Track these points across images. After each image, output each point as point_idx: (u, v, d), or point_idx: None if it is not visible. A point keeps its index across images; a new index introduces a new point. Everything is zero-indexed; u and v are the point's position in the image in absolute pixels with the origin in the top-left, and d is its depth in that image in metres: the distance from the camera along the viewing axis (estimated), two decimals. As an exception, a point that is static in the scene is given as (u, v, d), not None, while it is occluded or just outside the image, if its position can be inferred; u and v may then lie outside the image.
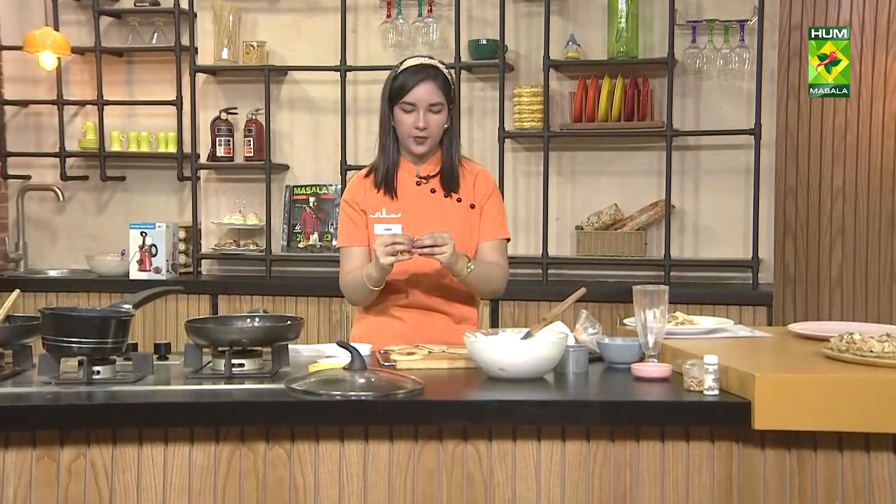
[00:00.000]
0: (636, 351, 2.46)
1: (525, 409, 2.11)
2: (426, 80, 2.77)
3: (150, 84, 5.27)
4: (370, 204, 2.87)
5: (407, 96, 2.77)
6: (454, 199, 2.87)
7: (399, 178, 2.88)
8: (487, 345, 2.33)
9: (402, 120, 2.80)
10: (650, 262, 4.67)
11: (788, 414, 1.99)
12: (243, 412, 2.11)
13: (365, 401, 2.11)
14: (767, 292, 4.35)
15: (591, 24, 4.78)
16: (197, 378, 2.32)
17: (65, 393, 2.16)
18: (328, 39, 5.00)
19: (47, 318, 2.21)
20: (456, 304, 2.90)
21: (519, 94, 4.72)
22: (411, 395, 2.14)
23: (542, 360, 2.31)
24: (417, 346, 2.62)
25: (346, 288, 2.88)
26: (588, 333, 2.59)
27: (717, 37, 4.59)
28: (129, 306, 2.31)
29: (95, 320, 2.21)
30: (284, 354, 2.41)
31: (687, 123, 4.70)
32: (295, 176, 5.13)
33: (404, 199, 2.86)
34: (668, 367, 2.31)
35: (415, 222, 2.81)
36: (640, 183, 4.79)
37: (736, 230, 4.68)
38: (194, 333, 2.36)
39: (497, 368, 2.31)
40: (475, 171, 2.94)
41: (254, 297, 4.72)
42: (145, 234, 4.86)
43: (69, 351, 2.21)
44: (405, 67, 2.82)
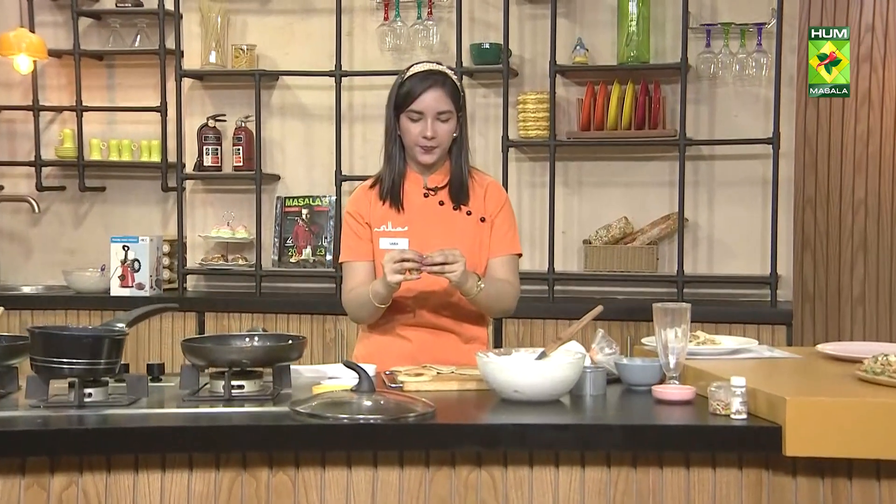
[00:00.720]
0: (656, 372, 2.48)
1: (542, 432, 2.13)
2: (434, 87, 2.80)
3: (133, 89, 5.28)
4: (375, 217, 2.89)
5: (414, 104, 2.79)
6: (463, 212, 2.90)
7: (406, 190, 2.90)
8: (501, 365, 2.35)
9: (409, 129, 2.82)
10: (662, 279, 4.69)
11: (822, 440, 2.01)
12: (245, 436, 2.12)
13: (374, 424, 2.13)
14: (787, 310, 4.37)
15: (600, 27, 4.81)
16: (194, 400, 2.33)
17: (55, 417, 2.17)
18: (322, 43, 5.02)
19: (36, 337, 2.22)
20: (465, 324, 2.92)
21: (524, 101, 4.75)
22: (422, 419, 2.16)
23: (558, 382, 2.32)
24: (425, 367, 2.64)
25: (349, 305, 2.90)
26: (605, 354, 2.61)
27: (733, 41, 4.62)
28: (122, 325, 2.32)
29: (88, 340, 2.21)
30: (286, 375, 2.43)
31: (701, 132, 4.73)
32: (287, 187, 5.14)
33: (411, 212, 2.88)
34: (692, 389, 2.33)
35: (422, 236, 2.83)
36: (652, 195, 4.82)
37: (753, 244, 4.71)
38: (191, 353, 2.37)
39: (511, 390, 2.32)
40: (486, 183, 2.96)
41: (243, 315, 4.73)
42: (127, 248, 4.86)
43: (59, 372, 2.22)
44: (412, 73, 2.84)
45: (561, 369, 2.33)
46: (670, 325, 2.42)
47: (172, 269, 5.13)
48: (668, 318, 2.42)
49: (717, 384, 2.18)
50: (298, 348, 2.45)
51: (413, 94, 2.79)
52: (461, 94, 2.87)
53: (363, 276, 2.88)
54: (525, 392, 2.31)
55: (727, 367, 2.44)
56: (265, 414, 2.23)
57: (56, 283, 5.25)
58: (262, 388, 2.40)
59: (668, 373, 2.43)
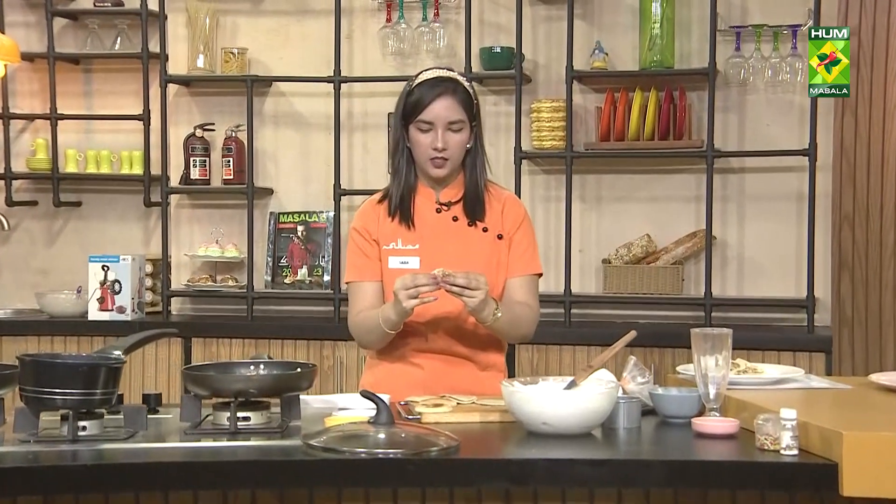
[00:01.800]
0: (695, 403, 2.50)
1: (577, 468, 2.14)
2: (445, 96, 2.82)
3: (112, 96, 5.31)
4: (384, 234, 2.91)
5: (423, 114, 2.82)
6: (479, 229, 2.92)
7: (416, 205, 2.92)
8: (529, 395, 2.36)
9: (419, 140, 2.84)
10: (688, 301, 4.72)
11: (883, 479, 2.01)
12: (254, 472, 2.13)
13: (394, 459, 2.14)
14: (825, 336, 4.40)
15: (621, 29, 4.85)
16: (196, 434, 2.34)
17: (47, 452, 2.17)
18: (319, 46, 5.05)
19: (27, 365, 2.23)
20: (481, 350, 2.93)
21: (538, 110, 4.78)
22: (446, 453, 2.17)
23: (591, 414, 2.34)
24: (444, 397, 2.65)
25: (356, 329, 2.92)
26: (637, 383, 2.62)
27: (765, 44, 4.66)
28: (118, 352, 2.34)
29: (82, 368, 2.23)
30: (295, 406, 2.44)
31: (730, 143, 4.76)
32: (280, 202, 5.16)
33: (423, 229, 2.90)
34: (735, 422, 2.34)
35: (434, 255, 2.84)
36: (677, 210, 4.85)
37: (786, 265, 4.74)
38: (194, 383, 2.38)
39: (540, 422, 2.34)
40: (503, 197, 2.98)
41: (233, 341, 4.75)
42: (107, 268, 4.88)
43: (52, 403, 2.23)
44: (421, 81, 2.86)
45: (594, 400, 2.34)
46: (710, 352, 2.44)
47: (156, 291, 5.14)
48: (708, 345, 2.44)
49: (764, 416, 2.20)
50: (309, 377, 2.46)
51: (422, 103, 2.82)
52: (475, 102, 2.90)
53: (371, 297, 2.90)
54: (555, 424, 2.33)
55: (772, 397, 2.45)
56: (274, 448, 2.24)
57: (27, 306, 5.26)
58: (270, 420, 2.41)
59: (707, 404, 2.44)
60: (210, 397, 2.41)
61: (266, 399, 2.45)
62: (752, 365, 2.72)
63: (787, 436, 2.14)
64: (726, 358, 2.43)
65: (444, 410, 2.52)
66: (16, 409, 2.29)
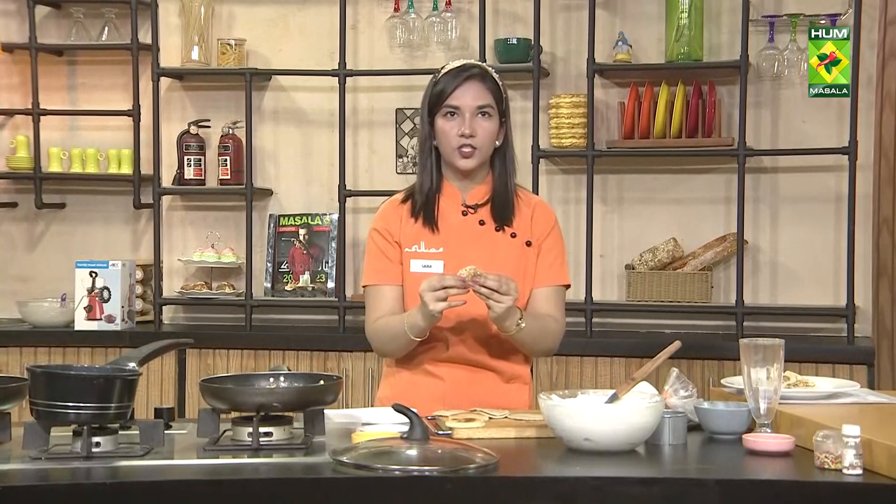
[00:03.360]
0: (745, 419, 2.52)
1: (626, 487, 2.16)
2: (472, 80, 2.88)
3: (99, 90, 5.33)
4: (406, 236, 2.93)
5: (449, 98, 2.86)
6: (507, 234, 2.95)
7: (441, 207, 2.95)
8: (571, 410, 2.38)
9: (446, 129, 2.87)
10: (718, 310, 4.74)
11: (956, 500, 2.04)
12: (282, 490, 2.15)
13: (430, 477, 2.16)
14: (867, 348, 4.43)
15: (646, 20, 4.89)
16: (216, 450, 2.35)
17: (61, 470, 2.19)
18: (322, 37, 5.08)
19: (38, 377, 2.24)
20: (505, 360, 2.96)
21: (557, 105, 4.81)
22: (485, 471, 2.19)
23: (637, 429, 2.36)
24: (474, 412, 2.67)
25: (376, 336, 2.94)
26: (679, 396, 2.65)
27: (801, 35, 4.68)
28: (133, 364, 2.35)
29: (97, 381, 2.24)
30: (319, 421, 2.46)
31: (763, 141, 4.80)
32: (281, 204, 5.18)
33: (447, 232, 2.93)
34: (791, 438, 2.37)
35: (459, 259, 2.86)
36: (705, 213, 4.88)
37: (823, 271, 4.77)
38: (212, 396, 2.40)
39: (582, 438, 2.36)
40: (533, 203, 3.02)
41: (230, 352, 4.77)
42: (95, 274, 4.89)
43: (64, 418, 2.24)
44: (447, 69, 2.92)
45: (640, 415, 2.36)
46: (761, 364, 2.46)
47: (146, 299, 5.16)
48: (759, 356, 2.46)
49: (824, 433, 2.21)
50: (334, 390, 2.48)
51: (448, 89, 2.87)
52: (504, 95, 2.94)
53: (391, 302, 2.92)
54: (598, 441, 2.35)
55: (827, 413, 2.47)
56: (300, 465, 2.26)
57: (6, 315, 5.26)
58: (293, 436, 2.43)
59: (758, 419, 2.46)
60: (229, 411, 2.43)
61: (289, 413, 2.46)
62: (804, 378, 2.75)
63: (850, 454, 2.15)
64: (779, 371, 2.46)
65: (477, 426, 2.54)
66: (25, 424, 2.30)
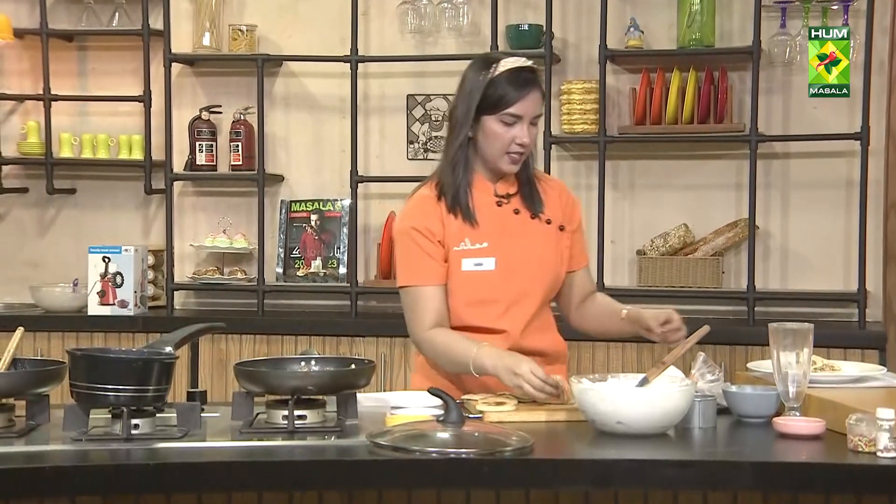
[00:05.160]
0: (773, 402, 2.55)
1: (662, 470, 2.19)
2: (535, 89, 2.86)
3: (110, 76, 5.32)
4: (451, 234, 2.90)
5: (513, 107, 2.82)
6: (542, 221, 2.96)
7: (475, 199, 2.92)
8: (604, 394, 2.41)
9: (498, 133, 2.84)
10: (729, 295, 4.77)
11: None
12: (321, 472, 2.18)
13: (467, 459, 2.19)
14: (879, 332, 4.46)
15: (657, 5, 4.89)
16: (251, 432, 2.38)
17: (103, 451, 2.23)
18: (332, 23, 5.08)
19: (78, 360, 2.27)
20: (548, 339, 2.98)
21: (568, 91, 4.82)
22: (521, 453, 2.22)
23: (669, 413, 2.39)
24: (502, 395, 2.69)
25: (432, 350, 2.87)
26: (706, 381, 2.67)
27: (814, 20, 4.69)
28: (169, 348, 2.37)
29: (137, 364, 2.26)
30: (352, 405, 2.49)
31: (774, 126, 4.82)
32: (292, 189, 5.19)
33: (486, 225, 2.91)
34: (822, 422, 2.39)
35: (506, 253, 2.89)
36: (716, 199, 4.90)
37: (834, 256, 4.79)
38: (247, 379, 2.43)
39: (615, 422, 2.38)
40: (557, 186, 3.05)
41: (243, 338, 4.77)
42: (108, 259, 4.90)
43: (104, 400, 2.28)
44: (508, 70, 2.85)
45: (671, 399, 2.39)
46: (790, 349, 2.49)
47: (158, 284, 5.17)
48: (788, 340, 2.49)
49: (857, 416, 2.24)
50: (367, 374, 2.51)
51: (511, 95, 2.82)
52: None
53: (438, 303, 2.87)
54: (630, 424, 2.37)
55: (855, 396, 2.50)
56: (337, 447, 2.30)
57: (18, 300, 5.26)
58: (326, 419, 2.46)
59: (787, 403, 2.49)
60: (263, 395, 2.46)
61: (322, 397, 2.49)
62: (830, 362, 2.78)
63: (884, 437, 2.18)
64: (808, 355, 2.48)
65: (508, 409, 2.57)
66: (65, 406, 2.32)
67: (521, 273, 2.90)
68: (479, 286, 2.88)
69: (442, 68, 5.03)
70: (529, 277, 2.91)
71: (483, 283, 2.88)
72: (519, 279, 2.89)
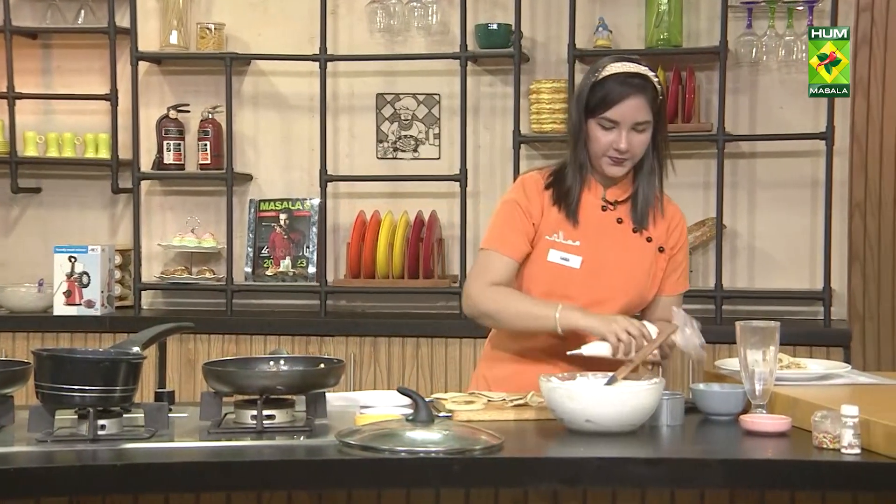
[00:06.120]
0: (740, 400, 2.56)
1: (631, 468, 2.19)
2: (636, 94, 2.80)
3: (76, 74, 5.28)
4: (547, 223, 2.89)
5: (610, 112, 2.80)
6: (643, 237, 2.92)
7: (583, 200, 2.91)
8: (572, 392, 2.41)
9: (598, 137, 2.83)
10: (697, 294, 4.76)
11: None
12: (291, 472, 2.17)
13: (437, 458, 2.18)
14: (844, 330, 4.49)
15: (626, 5, 4.91)
16: (219, 433, 2.37)
17: (69, 452, 2.20)
18: (301, 22, 5.06)
19: (44, 361, 2.25)
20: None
21: (537, 91, 4.83)
22: (490, 452, 2.22)
23: (638, 411, 2.39)
24: (473, 394, 2.69)
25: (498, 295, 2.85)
26: (685, 335, 2.68)
27: (779, 21, 4.73)
28: (136, 348, 2.36)
29: (104, 364, 2.25)
30: (321, 404, 2.48)
31: (741, 126, 4.84)
32: (261, 189, 5.18)
33: (585, 226, 2.89)
34: (787, 419, 2.40)
35: (595, 255, 2.87)
36: (684, 198, 4.77)
37: (801, 255, 4.83)
38: (215, 379, 2.41)
39: (583, 420, 2.39)
40: (673, 211, 3.01)
41: (211, 337, 4.75)
42: (74, 259, 4.86)
43: (70, 401, 2.25)
44: (612, 73, 2.83)
45: (640, 396, 2.40)
46: (757, 346, 2.50)
47: (125, 284, 5.13)
48: (756, 338, 2.50)
49: (822, 413, 2.25)
50: (336, 373, 2.50)
51: (610, 99, 2.79)
52: (661, 98, 2.88)
53: (508, 272, 2.88)
54: (599, 422, 2.38)
55: (820, 394, 2.52)
56: (306, 447, 2.29)
57: (-20, 300, 5.22)
58: (295, 419, 2.45)
59: (753, 401, 2.50)
60: (232, 394, 2.44)
61: (291, 397, 2.48)
62: (795, 360, 2.79)
63: (848, 434, 2.19)
64: (775, 353, 2.49)
65: (477, 408, 2.57)
66: (30, 408, 2.30)
67: (605, 279, 2.86)
68: (560, 280, 2.86)
69: (411, 67, 5.05)
70: (612, 286, 2.87)
71: (564, 277, 2.86)
72: (601, 284, 2.86)
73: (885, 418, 2.21)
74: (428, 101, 5.10)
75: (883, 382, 2.73)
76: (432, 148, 5.10)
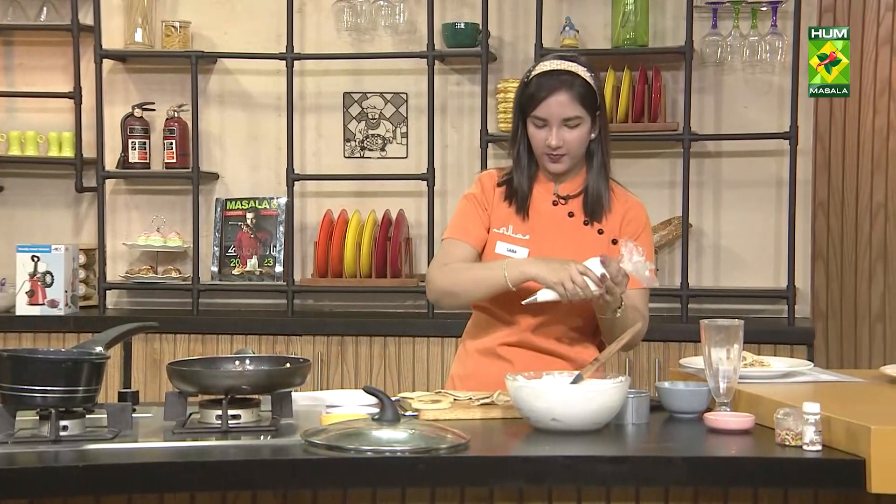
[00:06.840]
0: (705, 398, 2.56)
1: (596, 466, 2.19)
2: (560, 91, 2.82)
3: (38, 71, 5.25)
4: (497, 216, 2.94)
5: (537, 109, 2.84)
6: (594, 230, 2.93)
7: (534, 194, 2.94)
8: (538, 391, 2.41)
9: (534, 135, 2.88)
10: (663, 292, 4.79)
11: (911, 475, 2.09)
12: (255, 472, 2.15)
13: (402, 457, 2.18)
14: (807, 328, 4.52)
15: (592, 5, 4.92)
16: (184, 433, 2.36)
17: (29, 454, 2.18)
18: (268, 20, 5.05)
19: (4, 361, 2.22)
20: (578, 347, 2.93)
21: (504, 90, 4.83)
22: (456, 451, 2.21)
23: (604, 409, 2.40)
24: (439, 393, 2.69)
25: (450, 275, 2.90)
26: (633, 261, 2.68)
27: (744, 21, 4.76)
28: (99, 348, 2.33)
29: (66, 364, 2.23)
30: (287, 404, 2.46)
31: (706, 125, 4.87)
32: (227, 188, 5.16)
33: (536, 220, 2.93)
34: (751, 417, 2.41)
35: (544, 248, 2.88)
36: (650, 197, 4.84)
37: (765, 254, 4.85)
38: (180, 378, 2.40)
39: (549, 419, 2.39)
40: (627, 202, 3.00)
41: (177, 337, 4.73)
42: (37, 258, 4.82)
43: (31, 401, 2.23)
44: (539, 72, 2.87)
45: (606, 395, 2.40)
46: (721, 345, 2.50)
47: (89, 284, 5.10)
48: (720, 336, 2.51)
49: (784, 411, 2.26)
50: (302, 373, 2.49)
51: (536, 97, 2.83)
52: (596, 93, 2.88)
53: (464, 258, 2.92)
54: (565, 421, 2.38)
55: (783, 391, 2.53)
56: (271, 447, 2.27)
57: (-57, 300, 5.17)
58: (261, 419, 2.44)
59: (717, 398, 2.51)
60: (197, 394, 2.43)
61: (256, 396, 2.46)
62: (759, 358, 2.81)
63: (810, 431, 2.21)
64: (738, 351, 2.50)
65: (443, 407, 2.56)
66: (-9, 409, 2.28)
67: None
68: None
69: (378, 66, 5.04)
70: None
71: None
72: None
73: (847, 415, 2.22)
74: (395, 100, 5.09)
75: (844, 380, 2.75)
76: (400, 147, 5.10)
